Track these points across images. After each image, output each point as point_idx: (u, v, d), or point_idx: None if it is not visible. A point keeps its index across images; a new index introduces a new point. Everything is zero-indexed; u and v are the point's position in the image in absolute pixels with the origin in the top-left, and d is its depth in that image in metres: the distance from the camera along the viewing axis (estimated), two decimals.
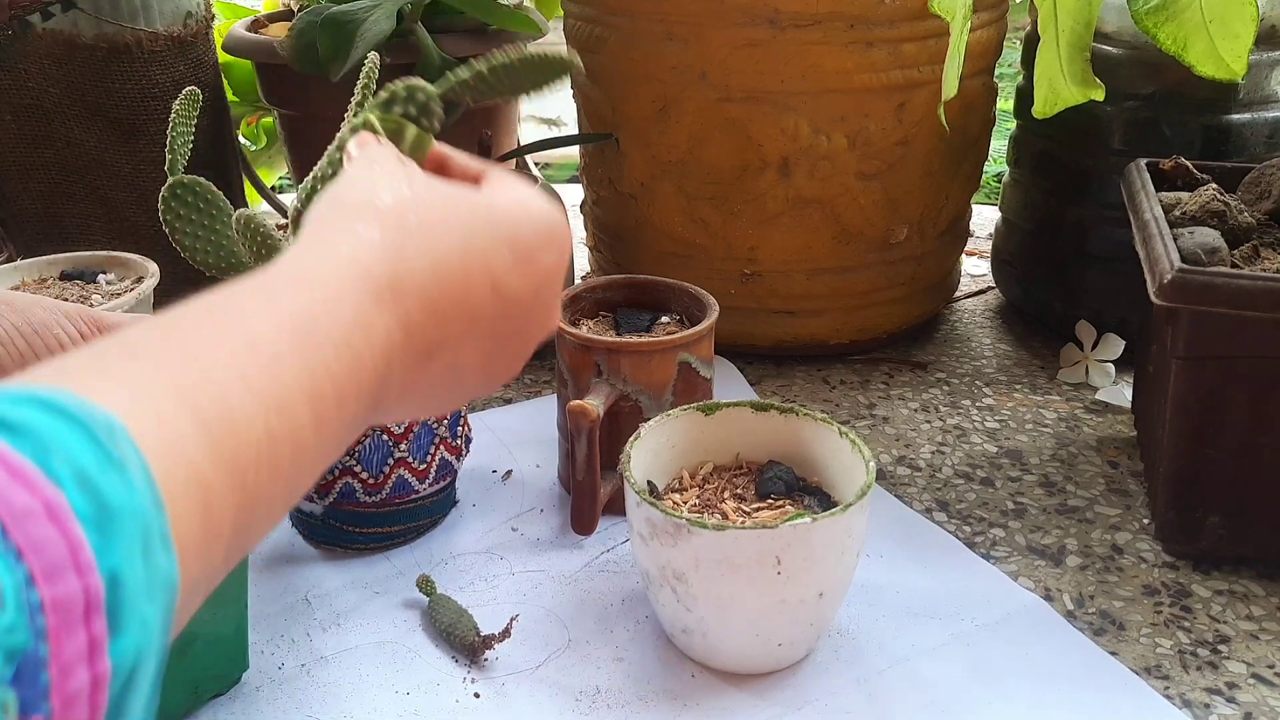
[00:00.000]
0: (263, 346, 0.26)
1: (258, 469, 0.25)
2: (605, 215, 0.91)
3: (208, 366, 0.25)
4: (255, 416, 0.25)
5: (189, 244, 0.62)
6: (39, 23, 0.80)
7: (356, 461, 0.59)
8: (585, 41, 0.83)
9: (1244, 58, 0.63)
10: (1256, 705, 0.52)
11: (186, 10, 0.87)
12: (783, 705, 0.52)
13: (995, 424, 0.78)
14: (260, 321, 0.27)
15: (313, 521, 0.63)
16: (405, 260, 0.31)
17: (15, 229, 0.89)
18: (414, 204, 0.32)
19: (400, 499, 0.62)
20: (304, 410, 0.26)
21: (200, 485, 0.23)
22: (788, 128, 0.77)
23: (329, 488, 0.60)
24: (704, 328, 0.64)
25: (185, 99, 0.61)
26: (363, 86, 0.62)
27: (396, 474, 0.60)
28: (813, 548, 0.49)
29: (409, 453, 0.60)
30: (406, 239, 0.31)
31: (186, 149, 0.61)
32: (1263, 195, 0.68)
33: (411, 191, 0.33)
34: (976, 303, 1.00)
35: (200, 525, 0.23)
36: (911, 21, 0.74)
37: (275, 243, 0.60)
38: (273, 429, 0.25)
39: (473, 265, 0.32)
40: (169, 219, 0.61)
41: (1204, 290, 0.56)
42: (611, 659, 0.55)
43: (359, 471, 0.59)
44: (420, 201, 0.33)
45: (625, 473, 0.53)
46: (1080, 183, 0.84)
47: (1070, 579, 0.62)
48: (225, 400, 0.24)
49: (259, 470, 0.25)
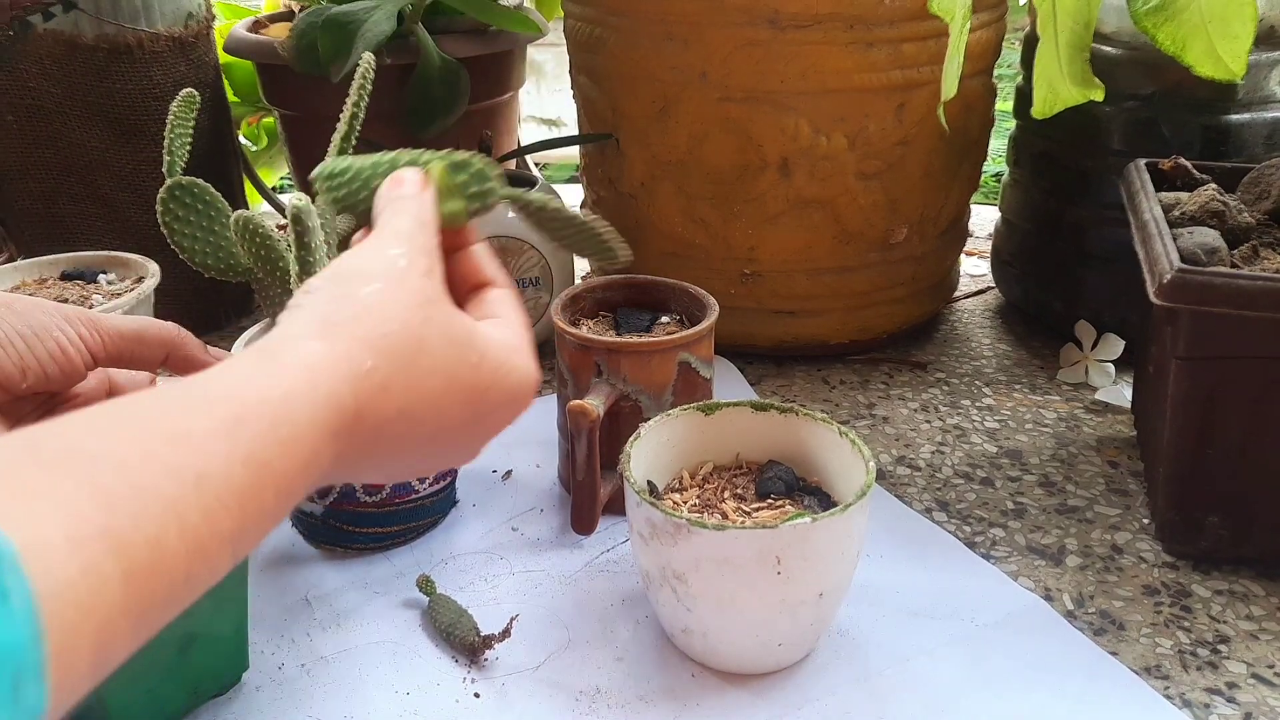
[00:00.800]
0: (209, 489, 0.25)
1: (166, 605, 0.24)
2: (605, 215, 0.91)
3: (146, 502, 0.24)
4: (179, 562, 0.24)
5: (188, 245, 0.62)
6: (39, 23, 0.80)
7: None
8: (585, 41, 0.83)
9: (1243, 58, 0.63)
10: (1256, 705, 0.52)
11: (187, 11, 0.87)
12: (783, 705, 0.52)
13: (995, 424, 0.78)
14: (215, 461, 0.26)
15: (313, 521, 0.63)
16: (384, 396, 0.31)
17: (15, 229, 0.89)
18: (418, 343, 0.32)
19: (400, 499, 0.62)
20: (226, 554, 0.26)
21: (100, 618, 0.22)
22: (788, 128, 0.77)
23: (329, 488, 0.60)
24: (704, 328, 0.64)
25: (183, 100, 0.61)
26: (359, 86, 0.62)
27: None
28: (813, 548, 0.49)
29: None
30: (394, 375, 0.31)
31: (185, 150, 0.61)
32: (1262, 195, 0.68)
33: (421, 325, 0.33)
34: (976, 303, 1.00)
35: (90, 654, 0.22)
36: (911, 22, 0.74)
37: (274, 244, 0.60)
38: (193, 574, 0.25)
39: (437, 414, 0.33)
40: (167, 220, 0.61)
41: (1204, 290, 0.56)
42: (611, 659, 0.55)
43: None
44: (423, 342, 0.33)
45: (625, 473, 0.53)
46: (1080, 183, 0.84)
47: (1070, 579, 0.62)
48: (155, 544, 0.23)
49: (168, 605, 0.24)
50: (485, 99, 0.94)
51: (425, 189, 0.37)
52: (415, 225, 0.36)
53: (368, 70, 0.61)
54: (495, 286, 0.39)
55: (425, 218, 0.36)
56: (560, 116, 1.91)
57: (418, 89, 0.87)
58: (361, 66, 0.61)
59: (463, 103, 0.88)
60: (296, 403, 0.28)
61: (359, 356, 0.31)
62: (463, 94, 0.88)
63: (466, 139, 0.90)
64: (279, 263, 0.60)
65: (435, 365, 0.33)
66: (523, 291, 0.84)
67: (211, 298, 0.94)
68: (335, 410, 0.29)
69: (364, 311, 0.32)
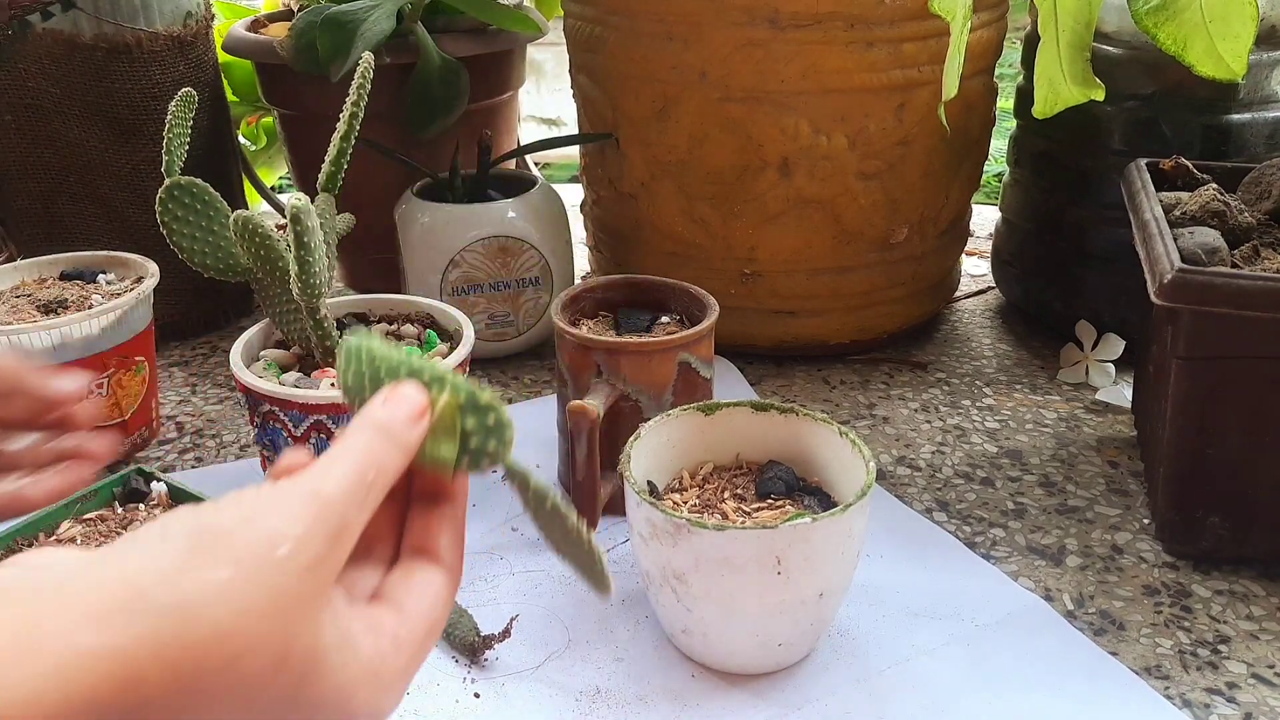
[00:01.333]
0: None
1: None
2: (605, 215, 0.91)
3: None
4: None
5: (186, 245, 0.62)
6: (39, 22, 0.80)
7: None
8: (585, 41, 0.83)
9: (1244, 58, 0.63)
10: (1256, 705, 0.52)
11: (186, 10, 0.87)
12: (783, 705, 0.52)
13: (995, 424, 0.78)
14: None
15: None
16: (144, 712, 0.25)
17: (15, 229, 0.89)
18: (228, 659, 0.26)
19: None
20: None
21: None
22: (788, 128, 0.77)
23: None
24: (704, 328, 0.64)
25: (181, 100, 0.61)
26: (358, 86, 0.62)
27: None
28: (813, 548, 0.49)
29: None
30: (171, 694, 0.25)
31: (183, 150, 0.61)
32: (1263, 195, 0.68)
33: (247, 637, 0.26)
34: (976, 303, 1.00)
35: None
36: (912, 21, 0.74)
37: (273, 244, 0.59)
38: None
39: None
40: (166, 220, 0.61)
41: (1204, 290, 0.56)
42: (611, 659, 0.55)
43: None
44: (237, 661, 0.26)
45: (625, 473, 0.53)
46: (1080, 182, 0.84)
47: (1070, 579, 0.62)
48: None
49: None
50: (485, 99, 0.94)
51: (418, 422, 0.32)
52: (348, 486, 0.29)
53: (367, 70, 0.61)
54: (434, 564, 0.33)
55: (372, 474, 0.30)
56: (560, 116, 1.91)
57: (417, 88, 0.87)
58: (361, 66, 0.61)
59: (462, 102, 0.88)
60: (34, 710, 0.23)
61: (132, 663, 0.24)
62: (462, 94, 0.88)
63: (466, 139, 0.90)
64: (278, 262, 0.60)
65: (236, 690, 0.26)
66: (522, 291, 0.84)
67: (211, 298, 0.94)
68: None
69: (182, 603, 0.25)
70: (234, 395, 0.84)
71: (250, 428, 0.65)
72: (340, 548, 0.29)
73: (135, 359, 0.72)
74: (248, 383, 0.58)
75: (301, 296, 0.57)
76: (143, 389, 0.73)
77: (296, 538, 0.28)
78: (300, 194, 0.55)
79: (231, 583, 0.26)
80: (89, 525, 0.53)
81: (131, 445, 0.74)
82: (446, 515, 0.34)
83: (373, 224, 0.83)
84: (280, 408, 0.58)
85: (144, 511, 0.55)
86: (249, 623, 0.26)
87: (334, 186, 0.65)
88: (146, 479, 0.57)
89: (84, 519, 0.54)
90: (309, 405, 0.57)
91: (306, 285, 0.57)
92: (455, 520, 0.34)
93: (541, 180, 0.87)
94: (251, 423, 0.61)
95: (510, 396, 0.83)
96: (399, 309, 0.69)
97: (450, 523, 0.34)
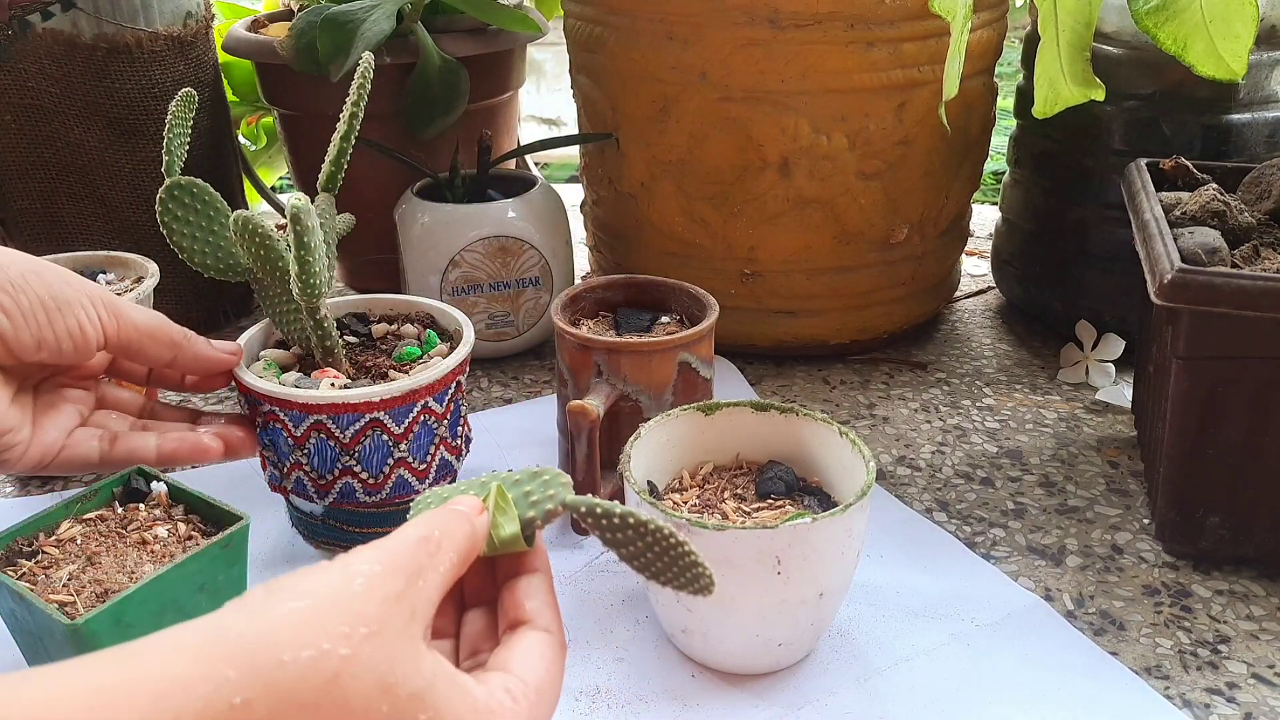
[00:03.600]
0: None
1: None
2: (605, 215, 0.91)
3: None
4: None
5: (186, 245, 0.62)
6: (39, 22, 0.80)
7: (357, 461, 0.59)
8: (585, 41, 0.83)
9: (1244, 58, 0.63)
10: (1256, 705, 0.52)
11: (186, 10, 0.87)
12: (783, 705, 0.52)
13: (995, 424, 0.78)
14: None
15: (313, 521, 0.63)
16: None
17: (15, 229, 0.89)
18: (326, 682, 0.26)
19: (400, 499, 0.62)
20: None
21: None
22: (788, 127, 0.77)
23: (329, 487, 0.60)
24: (704, 328, 0.64)
25: (181, 100, 0.61)
26: (358, 86, 0.62)
27: (396, 474, 0.60)
28: (813, 548, 0.49)
29: (409, 453, 0.60)
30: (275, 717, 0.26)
31: (183, 150, 0.61)
32: (1263, 195, 0.68)
33: (343, 661, 0.27)
34: (976, 303, 1.00)
35: None
36: (912, 21, 0.74)
37: (273, 244, 0.59)
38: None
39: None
40: (167, 220, 0.61)
41: (1204, 290, 0.56)
42: (611, 659, 0.55)
43: (359, 471, 0.60)
44: (335, 682, 0.27)
45: (625, 473, 0.53)
46: (1080, 183, 0.84)
47: (1070, 579, 0.62)
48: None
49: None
50: (485, 98, 0.94)
51: (480, 512, 0.34)
52: (416, 539, 0.31)
53: (367, 70, 0.61)
54: (529, 628, 0.34)
55: (437, 532, 0.31)
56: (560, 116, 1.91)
57: (417, 88, 0.87)
58: (361, 66, 0.61)
59: (462, 102, 0.88)
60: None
61: (230, 685, 0.25)
62: (462, 94, 0.88)
63: (466, 139, 0.90)
64: (278, 263, 0.60)
65: (346, 713, 0.26)
66: (522, 291, 0.84)
67: (211, 298, 0.94)
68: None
69: (267, 631, 0.26)
70: (234, 395, 0.84)
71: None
72: (420, 588, 0.30)
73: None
74: (248, 383, 0.58)
75: (301, 296, 0.57)
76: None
77: (370, 574, 0.29)
78: (300, 194, 0.55)
79: (310, 610, 0.27)
80: (89, 525, 0.53)
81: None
82: (533, 584, 0.35)
83: (373, 224, 0.83)
84: (280, 408, 0.58)
85: (144, 511, 0.55)
86: (337, 644, 0.27)
87: (334, 186, 0.65)
88: (147, 479, 0.57)
89: (84, 519, 0.54)
90: (310, 405, 0.57)
91: (306, 285, 0.57)
92: (542, 587, 0.36)
93: (541, 180, 0.87)
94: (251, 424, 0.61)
95: (510, 396, 0.83)
96: (399, 309, 0.69)
97: (537, 589, 0.35)
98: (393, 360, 0.63)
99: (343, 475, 0.60)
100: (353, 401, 0.57)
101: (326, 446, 0.59)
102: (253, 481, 0.71)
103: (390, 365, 0.63)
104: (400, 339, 0.66)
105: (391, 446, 0.60)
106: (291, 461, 0.60)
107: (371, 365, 0.63)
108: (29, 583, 0.49)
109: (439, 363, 0.61)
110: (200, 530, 0.54)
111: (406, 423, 0.59)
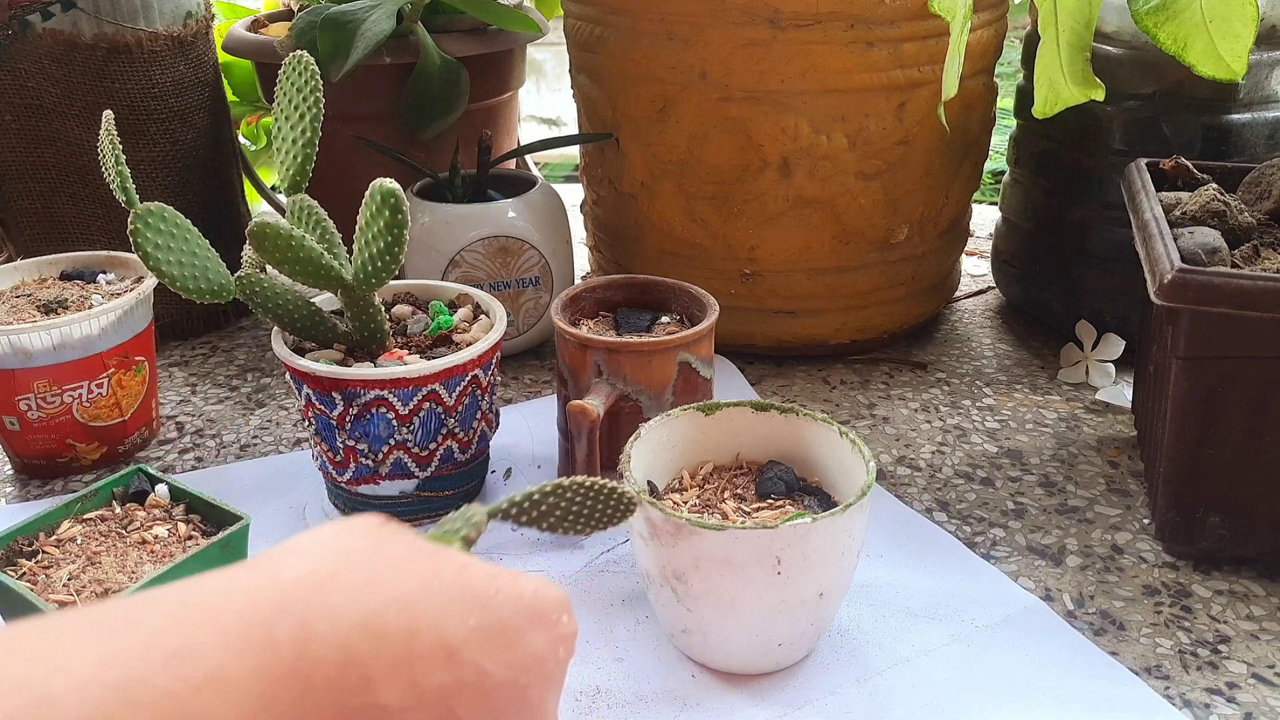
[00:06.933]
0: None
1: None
2: (605, 215, 0.91)
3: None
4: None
5: (172, 272, 0.58)
6: (39, 22, 0.80)
7: (457, 423, 0.63)
8: (585, 41, 0.83)
9: (1244, 58, 0.63)
10: (1256, 705, 0.52)
11: (186, 10, 0.87)
12: (783, 705, 0.52)
13: (995, 424, 0.78)
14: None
15: (398, 501, 0.65)
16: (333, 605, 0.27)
17: (15, 229, 0.89)
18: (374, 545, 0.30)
19: (483, 453, 0.67)
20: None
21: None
22: (788, 127, 0.77)
23: (430, 457, 0.63)
24: (704, 328, 0.64)
25: (104, 133, 0.58)
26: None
27: (480, 428, 0.65)
28: (813, 548, 0.49)
29: (488, 406, 0.65)
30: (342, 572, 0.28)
31: (129, 179, 0.58)
32: (1263, 195, 0.68)
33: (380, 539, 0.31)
34: (976, 303, 1.00)
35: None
36: (912, 21, 0.74)
37: (309, 246, 0.58)
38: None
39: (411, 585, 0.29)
40: (147, 250, 0.58)
41: (1204, 290, 0.56)
42: (611, 659, 0.55)
43: (458, 433, 0.63)
44: (381, 546, 0.30)
45: (625, 473, 0.53)
46: (1081, 182, 0.84)
47: (1070, 579, 0.62)
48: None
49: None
50: (485, 98, 0.94)
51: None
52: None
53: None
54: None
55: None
56: (560, 116, 1.91)
57: (417, 88, 0.87)
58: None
59: (462, 102, 0.88)
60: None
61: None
62: (462, 93, 0.88)
63: (466, 139, 0.90)
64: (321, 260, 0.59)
65: (397, 554, 0.30)
66: (522, 291, 0.84)
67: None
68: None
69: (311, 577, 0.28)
70: (234, 395, 0.84)
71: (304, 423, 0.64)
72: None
73: (135, 359, 0.72)
74: (347, 377, 0.59)
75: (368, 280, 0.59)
76: (143, 389, 0.73)
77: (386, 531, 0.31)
78: (388, 179, 0.57)
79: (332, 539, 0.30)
80: (89, 525, 0.53)
81: (131, 445, 0.74)
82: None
83: None
84: (392, 389, 0.59)
85: (144, 511, 0.55)
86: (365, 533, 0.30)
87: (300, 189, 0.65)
88: (147, 479, 0.57)
89: (84, 519, 0.54)
90: (425, 377, 0.59)
91: (386, 269, 0.59)
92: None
93: (541, 180, 0.87)
94: (306, 416, 0.62)
95: (510, 396, 0.83)
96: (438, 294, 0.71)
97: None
98: (425, 334, 0.66)
99: (445, 440, 0.63)
100: (461, 363, 0.60)
101: (434, 416, 0.61)
102: (249, 482, 0.71)
103: (425, 342, 0.65)
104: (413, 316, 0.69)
105: (480, 400, 0.64)
106: (393, 443, 0.61)
107: (405, 344, 0.65)
108: (29, 583, 0.49)
109: (498, 325, 0.64)
110: (200, 530, 0.54)
111: (486, 380, 0.64)
